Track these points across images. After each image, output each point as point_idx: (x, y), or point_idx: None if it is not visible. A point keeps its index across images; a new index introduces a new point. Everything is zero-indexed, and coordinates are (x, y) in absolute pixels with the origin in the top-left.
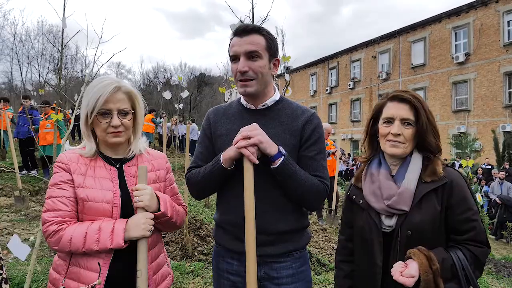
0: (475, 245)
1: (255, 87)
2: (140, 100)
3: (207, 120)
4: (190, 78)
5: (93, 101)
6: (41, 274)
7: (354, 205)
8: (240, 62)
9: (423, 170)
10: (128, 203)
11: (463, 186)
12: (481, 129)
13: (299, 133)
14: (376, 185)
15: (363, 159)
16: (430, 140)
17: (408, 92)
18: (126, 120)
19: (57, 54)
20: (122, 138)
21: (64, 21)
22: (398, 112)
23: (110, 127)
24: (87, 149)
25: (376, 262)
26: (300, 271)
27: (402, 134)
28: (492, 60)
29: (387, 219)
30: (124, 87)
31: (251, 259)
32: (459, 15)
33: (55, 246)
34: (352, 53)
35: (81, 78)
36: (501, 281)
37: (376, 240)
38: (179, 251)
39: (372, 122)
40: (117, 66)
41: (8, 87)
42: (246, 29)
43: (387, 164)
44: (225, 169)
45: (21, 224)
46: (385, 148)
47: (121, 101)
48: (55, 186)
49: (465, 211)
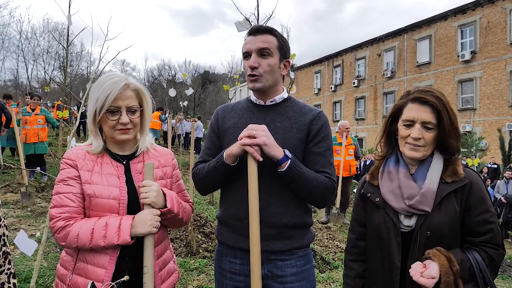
0: (492, 247)
1: (263, 83)
2: (147, 97)
3: (216, 116)
4: (195, 75)
5: (103, 98)
6: (47, 269)
7: (368, 203)
8: (251, 58)
9: (444, 171)
10: (135, 200)
11: (482, 187)
12: (487, 128)
13: (307, 127)
14: (396, 184)
15: (379, 157)
16: (451, 143)
17: (431, 92)
18: (134, 118)
19: (63, 51)
20: (130, 135)
21: (70, 19)
22: (420, 115)
23: (118, 124)
24: (94, 146)
25: (395, 262)
26: (304, 270)
27: (423, 137)
28: (498, 59)
29: (406, 219)
30: (132, 84)
31: (256, 253)
32: (465, 13)
33: (62, 242)
34: (357, 51)
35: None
36: (507, 281)
37: (394, 239)
38: (183, 248)
39: (390, 120)
40: (122, 63)
41: (14, 84)
42: (260, 29)
43: (405, 162)
44: (228, 165)
45: (28, 220)
46: (403, 150)
47: (130, 98)
48: (62, 182)
49: (483, 213)
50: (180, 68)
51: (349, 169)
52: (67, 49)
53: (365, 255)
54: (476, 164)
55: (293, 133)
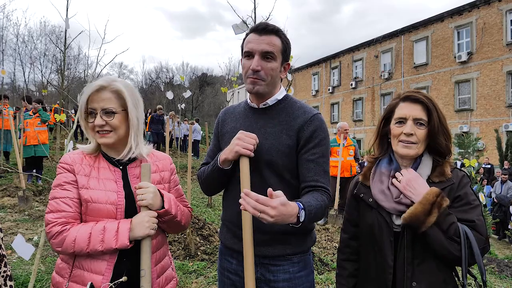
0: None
1: (263, 87)
2: (131, 99)
3: (218, 119)
4: (192, 78)
5: (82, 101)
6: (45, 273)
7: (361, 203)
8: (254, 60)
9: (432, 171)
10: (132, 205)
11: (467, 185)
12: (484, 129)
13: (296, 133)
14: (385, 185)
15: (371, 158)
16: (440, 141)
17: (420, 92)
18: (110, 120)
19: (60, 54)
20: (110, 139)
21: (67, 22)
22: (411, 112)
23: (96, 127)
24: (90, 145)
25: (387, 261)
26: (298, 276)
27: (415, 134)
28: (495, 59)
29: (398, 219)
30: (111, 86)
31: (249, 258)
32: (462, 14)
33: (59, 247)
34: (354, 53)
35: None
36: (504, 280)
37: (387, 239)
38: (182, 250)
39: (383, 122)
40: (119, 66)
41: (11, 87)
42: (267, 28)
43: (398, 163)
44: (223, 169)
45: (25, 224)
46: (397, 149)
47: (106, 101)
48: (58, 187)
49: (466, 204)
50: (177, 71)
51: (350, 169)
52: (65, 52)
53: (357, 255)
54: (473, 164)
55: (282, 140)
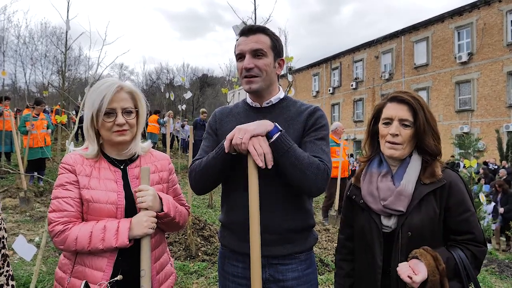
0: (474, 244)
1: (260, 83)
2: (142, 99)
3: (214, 117)
4: (193, 79)
5: (98, 102)
6: (47, 274)
7: (354, 204)
8: (245, 59)
9: (422, 172)
10: (132, 204)
11: (462, 188)
12: (485, 129)
13: (303, 125)
14: (374, 186)
15: (363, 159)
16: (428, 142)
17: (407, 93)
18: (130, 119)
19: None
20: (127, 136)
21: (68, 24)
22: (397, 112)
23: (115, 126)
24: (89, 150)
25: (377, 261)
26: (306, 274)
27: (400, 134)
28: (495, 60)
29: (386, 219)
30: (126, 87)
31: (256, 259)
32: (462, 15)
33: (61, 245)
34: (355, 53)
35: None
36: (505, 281)
37: (376, 240)
38: (182, 251)
39: (373, 122)
40: (120, 67)
41: (12, 88)
42: (252, 28)
43: (387, 164)
44: (229, 155)
45: (26, 224)
46: (383, 150)
47: (124, 100)
48: (60, 187)
49: (463, 213)
50: (178, 72)
51: (349, 170)
52: (66, 53)
53: (353, 255)
54: (474, 165)
55: (290, 135)
